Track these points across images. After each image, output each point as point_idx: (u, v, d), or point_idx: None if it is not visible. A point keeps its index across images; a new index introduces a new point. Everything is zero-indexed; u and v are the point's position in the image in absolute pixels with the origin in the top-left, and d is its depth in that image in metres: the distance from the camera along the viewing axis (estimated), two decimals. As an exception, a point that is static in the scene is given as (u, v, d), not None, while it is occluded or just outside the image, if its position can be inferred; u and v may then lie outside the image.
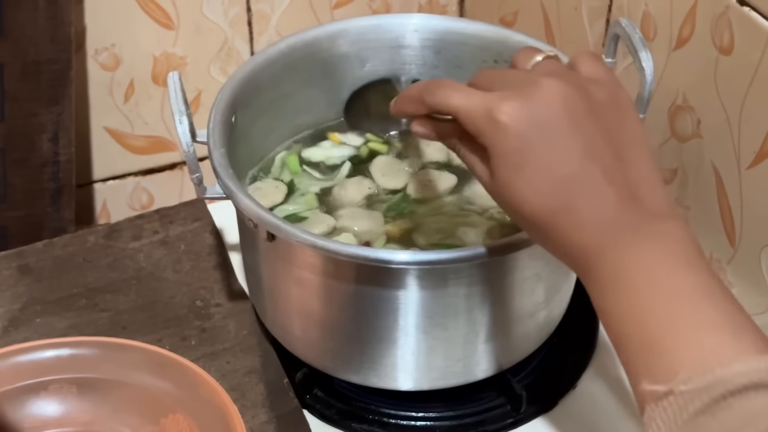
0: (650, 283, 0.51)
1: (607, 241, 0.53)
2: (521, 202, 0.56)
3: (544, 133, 0.54)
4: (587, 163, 0.54)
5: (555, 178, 0.55)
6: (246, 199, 0.69)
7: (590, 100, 0.56)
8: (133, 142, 1.08)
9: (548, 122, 0.55)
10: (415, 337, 0.72)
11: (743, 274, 0.76)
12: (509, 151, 0.55)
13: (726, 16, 0.71)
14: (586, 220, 0.54)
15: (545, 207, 0.55)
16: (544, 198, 0.55)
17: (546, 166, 0.55)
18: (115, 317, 0.84)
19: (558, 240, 0.56)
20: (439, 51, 0.85)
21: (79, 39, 0.99)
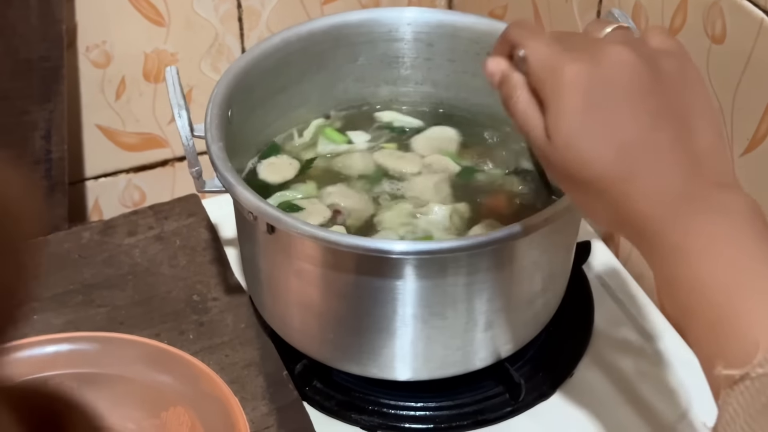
0: (718, 255, 0.50)
1: (671, 210, 0.52)
2: (580, 166, 0.54)
3: (610, 96, 0.53)
4: (653, 130, 0.53)
5: (619, 142, 0.53)
6: (245, 191, 0.69)
7: (658, 69, 0.55)
8: (124, 139, 1.08)
9: (615, 86, 0.54)
10: (413, 327, 0.72)
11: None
12: (572, 110, 0.54)
13: (718, 5, 0.71)
14: (650, 188, 0.53)
15: (607, 173, 0.53)
16: (607, 163, 0.53)
17: (611, 129, 0.53)
18: (113, 313, 0.84)
19: (615, 209, 0.54)
20: (431, 44, 0.86)
21: (71, 36, 0.99)
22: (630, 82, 0.54)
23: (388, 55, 0.87)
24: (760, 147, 0.71)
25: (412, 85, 0.89)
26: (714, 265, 0.50)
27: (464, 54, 0.85)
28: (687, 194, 0.52)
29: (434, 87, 0.88)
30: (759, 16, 0.68)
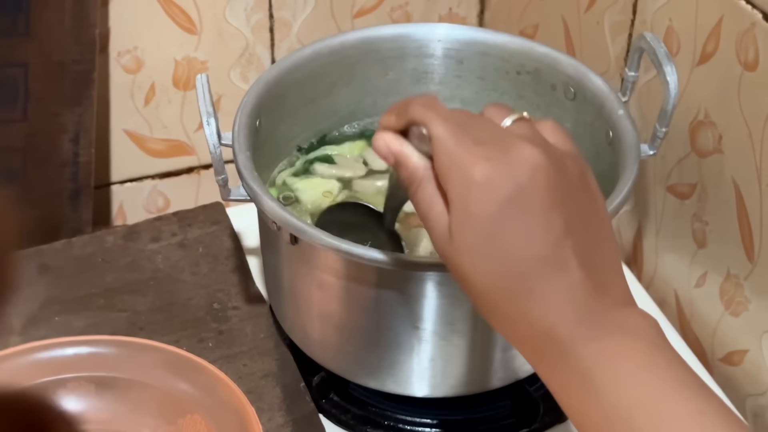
0: (631, 383, 0.48)
1: (577, 332, 0.50)
2: (480, 274, 0.51)
3: (523, 203, 0.50)
4: (562, 244, 0.50)
5: (527, 256, 0.50)
6: (270, 201, 0.69)
7: (567, 176, 0.51)
8: (151, 145, 1.08)
9: (529, 193, 0.50)
10: (433, 344, 0.72)
11: (761, 291, 0.76)
12: (480, 216, 0.50)
13: (752, 32, 0.71)
14: (555, 306, 0.50)
15: (509, 285, 0.50)
16: (511, 275, 0.50)
17: (520, 241, 0.50)
18: (133, 317, 0.85)
19: (514, 322, 0.51)
20: (461, 61, 0.86)
21: (103, 41, 1.00)
22: (543, 189, 0.50)
23: (417, 71, 0.87)
24: (789, 176, 0.71)
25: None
26: (630, 393, 0.48)
27: (494, 72, 0.85)
28: (592, 312, 0.50)
29: (463, 104, 0.88)
30: (792, 44, 0.68)
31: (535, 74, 0.83)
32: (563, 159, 0.52)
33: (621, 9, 0.86)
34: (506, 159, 0.50)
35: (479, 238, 0.50)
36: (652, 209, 0.88)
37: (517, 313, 0.51)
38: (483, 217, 0.50)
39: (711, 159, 0.79)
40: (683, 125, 0.81)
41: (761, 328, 0.77)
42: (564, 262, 0.50)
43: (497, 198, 0.50)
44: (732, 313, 0.80)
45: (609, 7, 0.88)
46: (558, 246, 0.50)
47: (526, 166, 0.50)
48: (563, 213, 0.50)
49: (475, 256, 0.51)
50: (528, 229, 0.50)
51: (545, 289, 0.50)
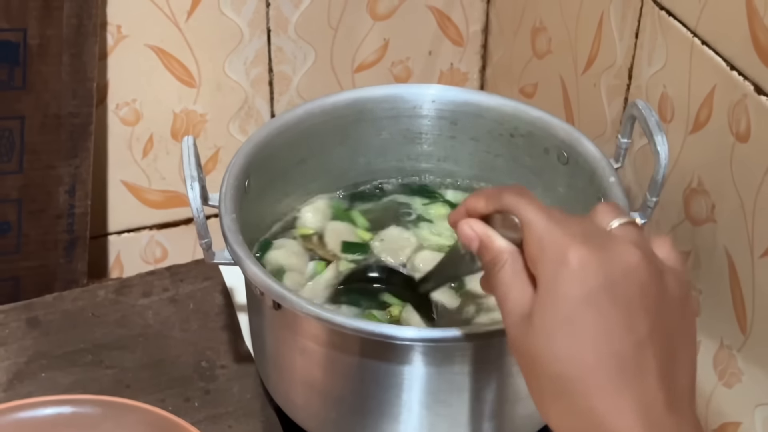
0: None
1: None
2: (553, 359, 0.50)
3: (612, 297, 0.49)
4: (646, 347, 0.49)
5: (608, 351, 0.49)
6: (253, 266, 0.68)
7: (664, 285, 0.52)
8: (149, 196, 1.08)
9: (621, 289, 0.50)
10: (418, 413, 0.71)
11: (754, 362, 0.75)
12: (567, 298, 0.50)
13: (743, 103, 0.70)
14: (622, 408, 0.49)
15: (578, 376, 0.49)
16: (582, 367, 0.49)
17: (599, 334, 0.49)
18: (120, 375, 0.84)
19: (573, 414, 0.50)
20: (455, 122, 0.86)
21: (101, 93, 1.00)
22: (635, 290, 0.50)
23: (411, 131, 0.87)
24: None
25: (435, 162, 0.88)
26: None
27: (487, 134, 0.85)
28: (663, 428, 0.49)
29: (456, 164, 0.88)
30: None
31: (529, 137, 0.83)
32: (664, 270, 0.52)
33: (617, 73, 0.86)
34: (604, 249, 0.50)
35: (562, 321, 0.50)
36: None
37: (580, 408, 0.49)
38: (569, 300, 0.50)
39: (705, 228, 0.78)
40: (677, 192, 0.80)
41: (754, 400, 0.76)
42: (643, 367, 0.49)
43: (587, 284, 0.49)
44: (725, 384, 0.79)
45: (606, 70, 0.88)
46: (639, 348, 0.49)
47: (622, 262, 0.50)
48: (651, 319, 0.50)
49: (552, 339, 0.50)
50: (612, 323, 0.49)
51: (618, 390, 0.49)
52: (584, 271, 0.50)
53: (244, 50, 1.03)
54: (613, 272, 0.50)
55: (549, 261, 0.51)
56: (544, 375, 0.51)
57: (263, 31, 1.02)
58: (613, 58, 0.86)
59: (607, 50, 0.87)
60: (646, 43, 0.81)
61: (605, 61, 0.88)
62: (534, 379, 0.52)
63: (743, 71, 0.70)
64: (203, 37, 1.01)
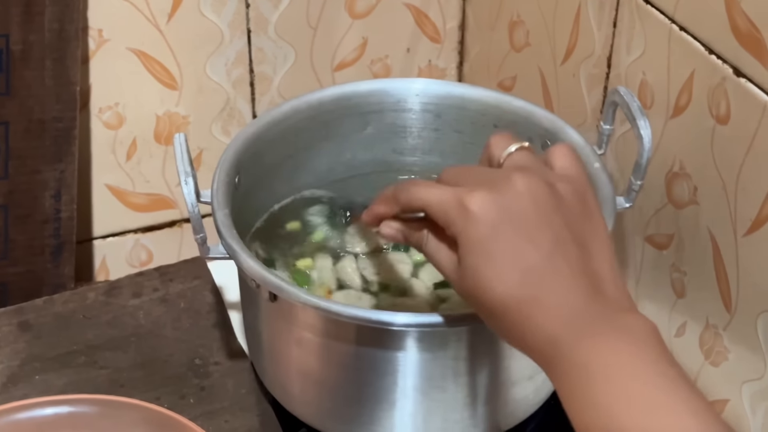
0: (623, 378, 0.52)
1: (574, 333, 0.54)
2: (487, 289, 0.57)
3: (513, 223, 0.56)
4: (555, 255, 0.56)
5: (523, 268, 0.56)
6: (249, 259, 0.69)
7: (558, 196, 0.58)
8: (133, 199, 1.09)
9: (517, 214, 0.57)
10: (413, 399, 0.72)
11: (739, 340, 0.77)
12: (479, 239, 0.57)
13: (722, 86, 0.72)
14: (553, 311, 0.55)
15: (511, 296, 0.56)
16: (511, 287, 0.56)
17: (515, 256, 0.56)
18: (114, 375, 0.85)
19: (521, 330, 0.56)
20: (439, 115, 0.87)
21: (84, 97, 1.00)
22: (532, 209, 0.57)
23: (396, 125, 0.88)
24: (763, 228, 0.71)
25: (420, 155, 0.89)
26: (621, 391, 0.52)
27: (471, 126, 0.86)
28: (589, 316, 0.55)
29: (441, 157, 0.89)
30: (763, 99, 0.69)
31: (512, 127, 0.84)
32: (556, 182, 0.59)
33: (596, 62, 0.88)
34: (494, 188, 0.57)
35: (479, 258, 0.57)
36: (631, 260, 0.89)
37: (522, 323, 0.56)
38: (480, 240, 0.57)
39: (687, 210, 0.79)
40: (659, 177, 0.82)
41: (741, 377, 0.77)
42: (557, 270, 0.56)
43: (490, 221, 0.57)
44: (712, 362, 0.80)
45: (584, 60, 0.89)
46: (550, 257, 0.56)
47: (513, 191, 0.57)
48: (552, 229, 0.57)
49: (479, 274, 0.57)
50: (519, 244, 0.56)
51: (543, 296, 0.56)
52: (482, 211, 0.57)
53: (225, 51, 1.03)
54: (506, 202, 0.57)
55: (455, 219, 0.58)
56: (485, 306, 0.58)
57: (243, 32, 1.03)
58: (592, 48, 0.88)
59: (586, 40, 0.89)
60: (624, 32, 0.83)
61: (584, 51, 0.89)
62: (483, 313, 0.59)
63: (722, 55, 0.72)
64: (184, 39, 1.01)
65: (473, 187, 0.58)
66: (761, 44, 0.68)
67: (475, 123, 0.86)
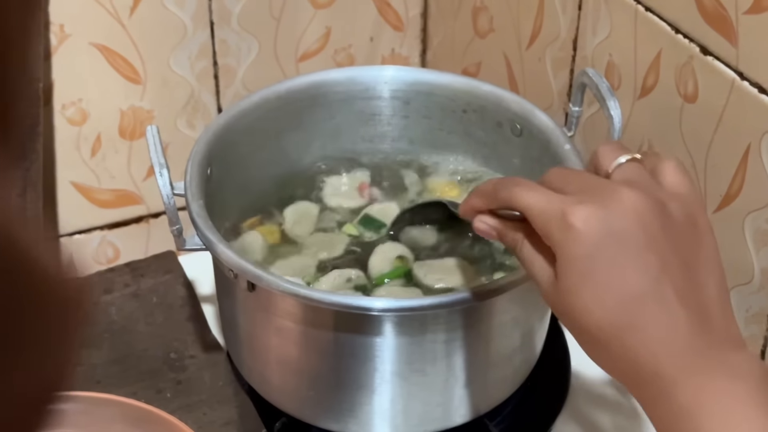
0: (731, 424, 0.50)
1: (677, 370, 0.51)
2: (584, 312, 0.53)
3: (618, 244, 0.53)
4: (660, 281, 0.53)
5: (625, 293, 0.52)
6: (226, 249, 0.69)
7: (668, 217, 0.54)
8: (99, 196, 1.07)
9: (623, 234, 0.53)
10: (393, 384, 0.72)
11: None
12: (579, 257, 0.53)
13: (690, 65, 0.73)
14: (655, 343, 0.52)
15: (610, 322, 0.53)
16: (611, 312, 0.53)
17: (616, 279, 0.53)
18: (89, 371, 0.84)
19: (618, 359, 0.53)
20: (408, 102, 0.87)
21: (47, 94, 0.99)
22: (639, 230, 0.53)
23: (365, 113, 0.88)
24: (733, 204, 0.72)
25: (389, 142, 0.89)
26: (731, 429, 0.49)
27: (440, 112, 0.87)
28: (694, 351, 0.52)
29: (411, 143, 0.89)
30: (731, 76, 0.70)
31: (481, 112, 0.85)
32: (666, 201, 0.55)
33: (561, 45, 0.88)
34: (601, 203, 0.53)
35: (579, 277, 0.53)
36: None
37: (620, 352, 0.53)
38: (581, 257, 0.53)
39: (656, 189, 0.80)
40: (628, 157, 0.82)
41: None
42: (663, 299, 0.52)
43: (593, 238, 0.53)
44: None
45: (550, 44, 0.90)
46: (656, 283, 0.52)
47: (620, 209, 0.53)
48: (660, 253, 0.53)
49: (576, 296, 0.53)
50: (624, 267, 0.53)
51: (645, 326, 0.52)
52: (587, 228, 0.53)
53: (189, 44, 1.03)
54: (614, 220, 0.53)
55: (555, 231, 0.54)
56: (580, 328, 0.54)
57: (206, 24, 1.02)
58: (557, 32, 0.88)
59: (551, 24, 0.89)
60: (589, 14, 0.84)
61: (549, 35, 0.90)
62: (576, 333, 0.55)
63: (688, 34, 0.73)
64: (147, 33, 1.01)
65: (578, 198, 0.54)
66: (728, 22, 0.69)
67: (445, 109, 0.86)
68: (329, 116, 0.87)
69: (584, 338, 0.55)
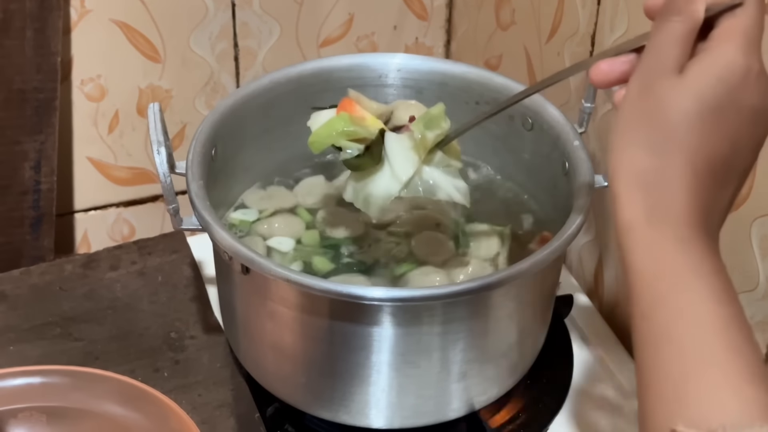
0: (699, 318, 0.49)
1: (698, 233, 0.51)
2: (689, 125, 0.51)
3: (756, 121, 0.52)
4: (741, 171, 0.53)
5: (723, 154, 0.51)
6: (222, 231, 0.69)
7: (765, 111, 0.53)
8: (115, 173, 1.08)
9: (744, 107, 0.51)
10: (386, 374, 0.71)
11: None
12: (726, 92, 0.51)
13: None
14: (700, 199, 0.51)
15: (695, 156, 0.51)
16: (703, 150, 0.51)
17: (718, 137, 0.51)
18: (89, 347, 0.84)
19: (661, 177, 0.52)
20: (421, 91, 0.86)
21: (66, 69, 0.99)
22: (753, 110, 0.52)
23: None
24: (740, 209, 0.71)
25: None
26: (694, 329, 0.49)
27: (453, 102, 0.84)
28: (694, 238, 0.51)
29: (423, 134, 0.88)
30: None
31: (494, 105, 0.83)
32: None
33: (580, 40, 0.87)
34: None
35: (717, 102, 0.51)
36: (613, 240, 0.88)
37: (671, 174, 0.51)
38: (728, 96, 0.51)
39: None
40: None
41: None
42: (727, 180, 0.52)
43: (748, 95, 0.51)
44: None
45: (569, 38, 0.89)
46: (735, 168, 0.52)
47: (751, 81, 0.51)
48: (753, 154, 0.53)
49: (700, 107, 0.51)
50: (742, 141, 0.52)
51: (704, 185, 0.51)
52: (753, 82, 0.51)
53: (209, 25, 1.02)
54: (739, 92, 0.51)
55: (732, 51, 0.51)
56: (667, 128, 0.52)
57: (228, 6, 1.02)
58: (576, 26, 0.87)
59: (570, 18, 0.88)
60: (608, 9, 0.82)
61: (568, 29, 0.88)
62: (646, 124, 0.52)
63: (703, 32, 0.71)
64: (168, 12, 1.01)
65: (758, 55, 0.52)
66: (742, 22, 0.67)
67: (457, 100, 0.85)
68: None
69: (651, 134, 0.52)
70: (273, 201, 0.85)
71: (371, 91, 0.86)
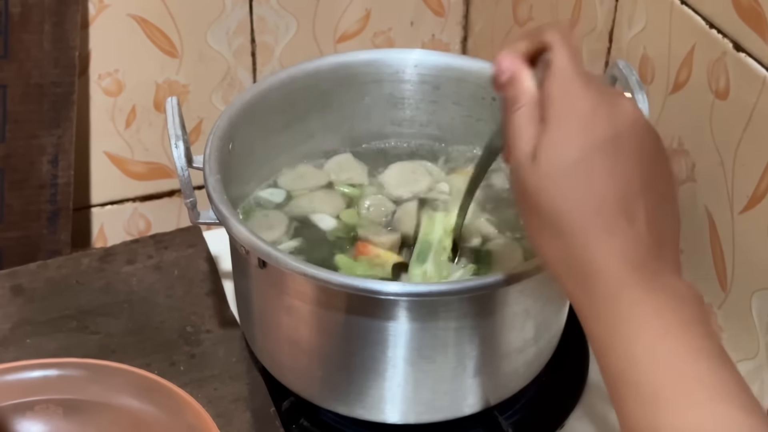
0: (668, 339, 0.51)
1: (628, 278, 0.53)
2: (555, 200, 0.53)
3: (615, 149, 0.53)
4: (638, 199, 0.53)
5: (605, 196, 0.53)
6: (239, 225, 0.69)
7: (658, 144, 0.56)
8: (132, 167, 1.08)
9: (623, 143, 0.53)
10: (402, 369, 0.71)
11: (734, 319, 0.76)
12: (572, 144, 0.53)
13: (722, 61, 0.71)
14: (616, 250, 0.53)
15: (582, 217, 0.53)
16: (582, 208, 0.53)
17: (602, 181, 0.53)
18: (105, 340, 0.84)
19: (572, 253, 0.54)
20: (437, 86, 0.86)
21: (84, 63, 1.00)
22: (636, 143, 0.54)
23: (394, 96, 0.87)
24: (760, 205, 0.70)
25: (417, 127, 0.88)
26: (664, 350, 0.51)
27: (470, 98, 0.85)
28: (647, 269, 0.53)
29: (439, 129, 0.88)
30: (762, 74, 0.68)
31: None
32: (652, 128, 0.56)
33: (598, 37, 0.87)
34: (613, 103, 0.54)
35: (568, 164, 0.53)
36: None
37: (575, 245, 0.53)
38: (579, 144, 0.53)
39: (685, 187, 0.78)
40: (658, 153, 0.81)
41: (735, 356, 0.76)
42: (635, 215, 0.53)
43: (597, 133, 0.53)
44: (706, 342, 0.80)
45: (587, 35, 0.88)
46: (635, 198, 0.53)
47: (629, 117, 0.54)
48: (645, 172, 0.54)
49: (556, 180, 0.53)
50: (615, 171, 0.53)
51: (612, 233, 0.53)
52: (595, 120, 0.53)
53: (226, 20, 1.03)
54: (620, 125, 0.54)
55: (563, 105, 0.54)
56: (545, 212, 0.54)
57: (245, 1, 1.02)
58: (594, 23, 0.87)
59: (588, 15, 0.88)
60: (626, 6, 0.82)
61: (586, 25, 0.88)
62: (534, 216, 0.55)
63: (722, 29, 0.71)
64: (185, 7, 1.01)
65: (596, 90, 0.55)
66: (762, 18, 0.67)
67: (474, 96, 0.85)
68: (358, 98, 0.86)
69: (539, 222, 0.55)
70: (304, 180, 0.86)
71: (388, 86, 0.86)
